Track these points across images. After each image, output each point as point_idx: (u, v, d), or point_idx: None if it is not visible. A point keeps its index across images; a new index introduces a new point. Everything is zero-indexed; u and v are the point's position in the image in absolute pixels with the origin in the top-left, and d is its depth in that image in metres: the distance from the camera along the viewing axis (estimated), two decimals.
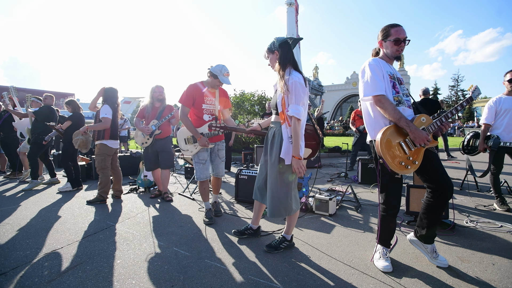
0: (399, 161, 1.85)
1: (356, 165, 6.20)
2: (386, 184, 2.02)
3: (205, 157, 3.04)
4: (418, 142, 1.83)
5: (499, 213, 3.27)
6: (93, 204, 3.72)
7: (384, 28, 2.01)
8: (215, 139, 3.09)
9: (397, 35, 1.94)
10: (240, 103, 10.12)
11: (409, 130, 1.82)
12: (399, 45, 1.96)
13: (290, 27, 13.25)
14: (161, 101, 3.93)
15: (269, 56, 2.23)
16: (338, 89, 58.40)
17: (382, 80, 1.92)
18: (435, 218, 1.98)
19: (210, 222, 2.94)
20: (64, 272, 1.98)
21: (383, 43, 2.02)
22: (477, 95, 2.06)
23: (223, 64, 2.94)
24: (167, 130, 3.97)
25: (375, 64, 1.95)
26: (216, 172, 3.20)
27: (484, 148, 3.47)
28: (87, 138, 4.13)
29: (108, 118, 3.75)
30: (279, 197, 2.17)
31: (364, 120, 2.12)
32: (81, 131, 4.05)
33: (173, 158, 4.10)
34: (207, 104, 3.00)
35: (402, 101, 1.96)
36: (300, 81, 2.05)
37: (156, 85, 3.91)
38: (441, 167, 1.93)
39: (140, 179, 4.50)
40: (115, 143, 3.95)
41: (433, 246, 2.05)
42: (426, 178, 1.94)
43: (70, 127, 4.59)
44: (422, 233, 2.06)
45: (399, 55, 2.01)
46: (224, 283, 1.84)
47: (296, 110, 2.00)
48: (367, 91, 1.93)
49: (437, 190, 1.89)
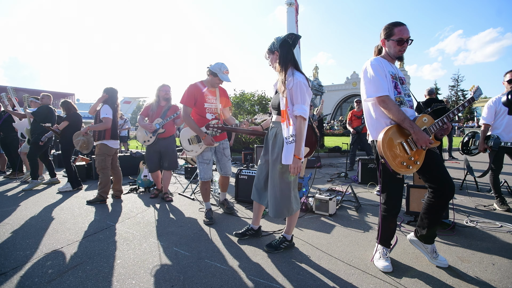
0: (400, 161, 1.85)
1: (356, 165, 6.20)
2: (387, 184, 2.01)
3: (209, 157, 3.02)
4: (421, 144, 1.82)
5: (499, 213, 3.27)
6: (93, 204, 3.72)
7: (388, 27, 1.96)
8: (219, 137, 3.05)
9: (401, 35, 1.91)
10: (240, 103, 10.12)
11: (413, 131, 1.82)
12: (402, 46, 1.93)
13: (290, 27, 13.25)
14: (167, 100, 3.89)
15: (269, 56, 2.24)
16: (338, 89, 58.38)
17: (385, 80, 1.90)
18: (435, 218, 1.98)
19: (210, 222, 2.94)
20: (64, 272, 1.98)
21: (385, 41, 1.99)
22: (479, 95, 2.05)
23: (222, 62, 2.93)
24: (171, 130, 3.93)
25: (377, 64, 1.93)
26: (225, 171, 3.18)
27: (484, 148, 3.47)
28: (88, 139, 4.13)
29: (109, 118, 3.75)
30: (281, 197, 2.18)
31: (365, 120, 2.11)
32: (82, 132, 4.04)
33: (176, 159, 4.03)
34: (209, 103, 2.99)
35: (403, 101, 1.95)
36: (304, 81, 2.07)
37: (163, 84, 3.88)
38: (443, 167, 1.93)
39: (140, 179, 4.49)
40: (116, 143, 3.94)
41: (433, 246, 2.05)
42: (428, 178, 1.94)
43: (67, 127, 4.60)
44: (422, 233, 2.05)
45: (402, 55, 1.98)
46: (224, 283, 1.84)
47: (302, 110, 2.02)
48: (370, 92, 1.91)
49: (438, 190, 1.89)
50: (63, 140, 4.68)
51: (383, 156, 1.83)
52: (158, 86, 3.89)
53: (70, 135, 4.60)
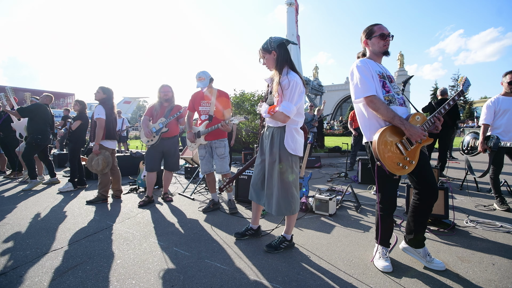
0: (396, 162, 1.85)
1: (356, 165, 6.20)
2: (383, 183, 2.02)
3: (203, 153, 3.41)
4: (414, 138, 1.83)
5: (499, 213, 3.27)
6: (94, 203, 3.72)
7: (367, 28, 2.06)
8: (210, 137, 3.32)
9: (381, 30, 1.99)
10: (240, 103, 10.12)
11: (404, 128, 1.83)
12: (385, 40, 1.99)
13: (290, 27, 13.18)
14: (168, 100, 3.86)
15: (265, 55, 2.20)
16: (338, 89, 58.40)
17: (372, 80, 1.92)
18: (422, 221, 2.00)
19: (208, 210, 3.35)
20: (64, 272, 1.98)
21: (368, 41, 2.05)
22: (467, 86, 2.05)
23: (200, 70, 3.35)
24: (175, 130, 3.89)
25: (363, 65, 1.96)
26: (216, 169, 3.40)
27: (484, 149, 3.47)
28: (105, 155, 3.85)
29: (101, 119, 3.73)
30: (281, 196, 2.18)
31: (358, 122, 2.12)
32: (94, 153, 3.80)
33: (178, 161, 3.99)
34: (203, 106, 3.38)
35: (393, 100, 1.95)
36: (297, 81, 2.07)
37: (162, 85, 3.86)
38: (429, 169, 1.95)
39: (140, 179, 4.50)
40: (112, 143, 3.93)
41: (425, 250, 2.04)
42: (415, 179, 1.96)
43: (79, 126, 4.65)
44: (410, 238, 2.07)
45: (387, 49, 2.03)
46: (224, 283, 1.84)
47: (286, 107, 2.03)
48: (358, 94, 1.93)
49: (425, 192, 1.91)
50: (73, 138, 4.70)
51: (379, 159, 1.83)
52: (158, 87, 3.91)
53: (81, 135, 4.62)
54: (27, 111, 4.68)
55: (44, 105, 4.94)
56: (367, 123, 2.01)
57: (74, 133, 4.69)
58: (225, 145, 3.38)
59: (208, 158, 3.39)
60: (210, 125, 3.26)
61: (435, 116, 1.94)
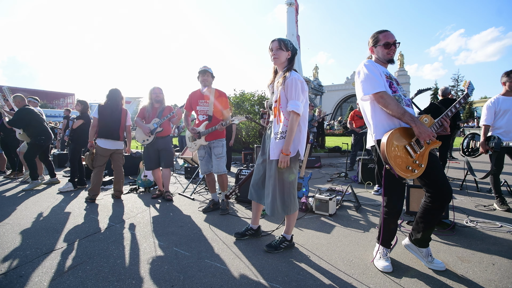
0: (405, 166, 1.82)
1: (356, 165, 6.19)
2: (390, 187, 2.01)
3: (202, 154, 3.42)
4: (424, 138, 1.79)
5: (499, 213, 3.27)
6: (86, 202, 3.80)
7: (373, 35, 2.07)
8: (209, 137, 3.31)
9: (386, 39, 1.99)
10: (240, 103, 10.12)
11: (414, 124, 1.79)
12: (390, 48, 2.00)
13: (290, 26, 13.18)
14: (159, 102, 4.01)
15: (281, 48, 2.21)
16: (338, 89, 58.42)
17: (380, 77, 1.92)
18: (431, 222, 1.98)
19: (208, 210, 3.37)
20: (64, 272, 1.98)
21: (374, 49, 2.08)
22: (472, 90, 2.08)
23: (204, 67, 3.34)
24: (168, 129, 4.07)
25: (371, 64, 1.97)
26: (213, 169, 3.39)
27: (486, 150, 3.46)
28: (91, 153, 4.21)
29: (93, 118, 3.94)
30: (279, 196, 2.18)
31: (365, 121, 2.10)
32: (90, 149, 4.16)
33: (173, 157, 4.16)
34: (201, 105, 3.37)
35: (400, 100, 1.94)
36: (300, 79, 2.14)
37: (153, 87, 4.00)
38: (441, 171, 1.92)
39: (140, 179, 4.50)
40: (106, 142, 3.92)
41: (428, 250, 2.04)
42: (426, 182, 1.91)
43: (80, 126, 4.67)
44: (417, 237, 2.05)
45: (391, 58, 2.04)
46: (224, 283, 1.84)
47: (295, 105, 2.07)
48: (367, 90, 1.90)
49: (436, 194, 1.87)
50: (74, 138, 4.71)
51: (388, 162, 1.79)
52: (149, 89, 4.02)
53: (82, 135, 4.63)
54: (18, 121, 4.62)
55: (31, 108, 4.85)
56: (375, 123, 1.97)
57: (75, 133, 4.70)
58: (223, 145, 3.39)
59: (207, 159, 3.41)
60: (210, 126, 3.27)
61: (443, 118, 1.93)
